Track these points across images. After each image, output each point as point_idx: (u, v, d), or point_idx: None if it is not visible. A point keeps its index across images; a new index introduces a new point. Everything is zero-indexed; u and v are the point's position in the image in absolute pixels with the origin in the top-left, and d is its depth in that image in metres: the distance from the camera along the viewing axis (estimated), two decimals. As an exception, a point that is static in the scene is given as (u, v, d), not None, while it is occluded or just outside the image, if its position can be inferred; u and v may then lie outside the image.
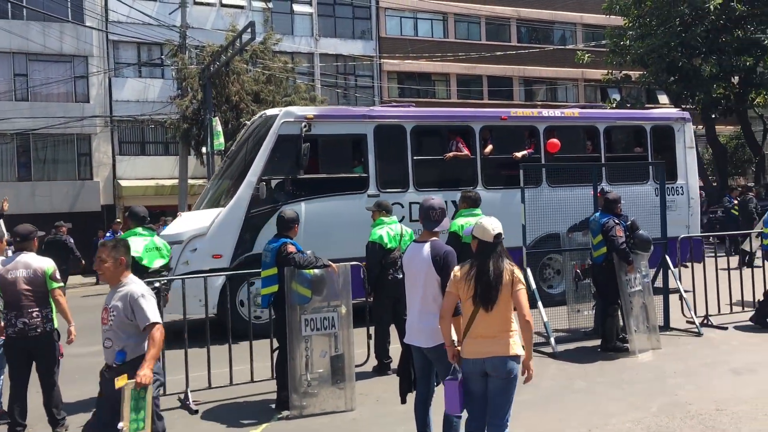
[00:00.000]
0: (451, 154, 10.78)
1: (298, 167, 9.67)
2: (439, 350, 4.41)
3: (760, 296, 9.20)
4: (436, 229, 4.69)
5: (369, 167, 10.33)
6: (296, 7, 30.94)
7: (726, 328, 8.80)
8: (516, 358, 4.07)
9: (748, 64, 21.66)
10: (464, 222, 7.81)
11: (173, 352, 6.83)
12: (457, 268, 4.25)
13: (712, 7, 20.05)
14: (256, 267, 8.50)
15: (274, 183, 10.02)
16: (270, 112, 10.79)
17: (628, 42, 23.87)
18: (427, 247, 4.60)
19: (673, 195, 11.46)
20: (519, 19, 35.20)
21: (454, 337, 4.29)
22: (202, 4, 28.18)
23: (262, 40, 23.56)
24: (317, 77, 30.42)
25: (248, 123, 11.95)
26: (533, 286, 8.40)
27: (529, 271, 8.47)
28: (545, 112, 11.95)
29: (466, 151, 10.86)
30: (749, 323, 8.99)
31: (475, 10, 33.79)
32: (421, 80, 33.77)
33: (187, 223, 10.18)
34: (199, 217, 10.06)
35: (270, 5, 29.96)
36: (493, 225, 4.20)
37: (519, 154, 11.03)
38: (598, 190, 9.21)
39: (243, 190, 9.67)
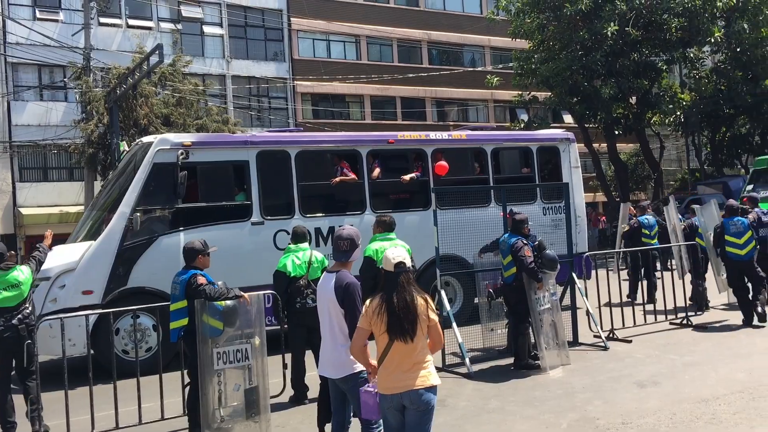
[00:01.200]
0: (338, 179, 10.72)
1: (176, 196, 9.38)
2: (349, 381, 4.39)
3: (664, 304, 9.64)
4: (345, 260, 4.68)
5: (252, 194, 10.10)
6: (206, 29, 30.50)
7: (630, 341, 9.17)
8: (433, 389, 4.05)
9: (645, 86, 22.88)
10: (378, 246, 7.87)
11: (74, 392, 6.51)
12: (368, 302, 4.15)
13: (609, 32, 21.07)
14: (134, 302, 8.32)
15: (150, 213, 9.56)
16: (146, 139, 10.45)
17: (533, 65, 24.78)
18: (332, 278, 4.58)
19: (559, 214, 11.79)
20: (429, 41, 35.99)
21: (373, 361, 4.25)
22: (107, 25, 27.33)
23: (172, 62, 23.08)
24: (230, 99, 30.03)
25: (127, 149, 11.59)
26: (448, 308, 8.52)
27: (443, 293, 8.60)
28: (432, 135, 11.98)
29: (352, 176, 10.80)
30: (652, 333, 9.43)
31: (387, 32, 34.31)
32: (336, 102, 33.92)
33: (56, 257, 9.33)
34: (69, 251, 9.49)
35: (179, 27, 29.43)
36: (395, 254, 4.13)
37: (407, 178, 11.11)
38: (508, 211, 9.46)
39: (115, 222, 9.24)
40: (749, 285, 10.04)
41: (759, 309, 9.88)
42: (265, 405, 6.09)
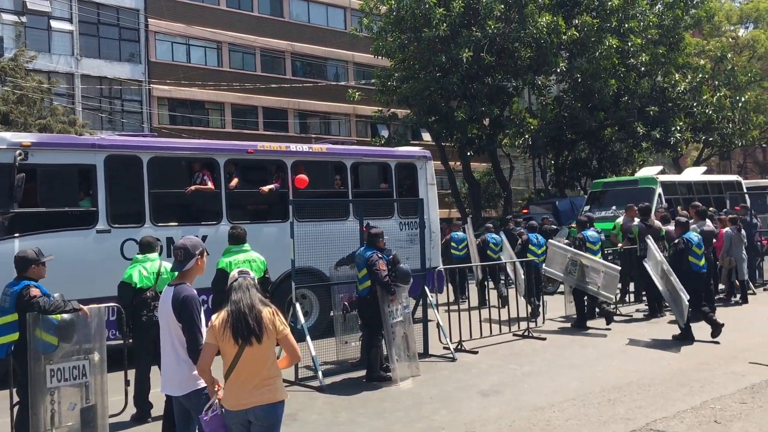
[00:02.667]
0: (193, 187, 10.39)
1: (12, 200, 8.65)
2: (192, 398, 4.25)
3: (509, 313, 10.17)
4: (180, 270, 4.52)
5: (98, 200, 9.55)
6: (54, 24, 28.62)
7: (477, 352, 9.57)
8: (280, 404, 4.00)
9: (496, 110, 24.18)
10: (232, 259, 7.76)
11: None
12: (214, 317, 4.05)
13: (465, 57, 22.12)
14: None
15: None
16: None
17: (394, 83, 25.44)
18: (171, 291, 4.43)
19: (415, 229, 12.13)
20: (293, 53, 35.95)
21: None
22: (-62, 11, 24.98)
23: (13, 56, 21.44)
24: (78, 99, 28.31)
25: None
26: (302, 321, 8.50)
27: (298, 306, 8.56)
28: (293, 147, 11.86)
29: (210, 185, 10.53)
30: (497, 344, 9.91)
31: (250, 41, 33.89)
32: (194, 108, 32.95)
33: None
34: None
35: (23, 19, 27.39)
36: (239, 268, 4.10)
37: (266, 189, 11.01)
38: (365, 225, 9.60)
39: None
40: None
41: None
42: (103, 424, 5.75)
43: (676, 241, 10.55)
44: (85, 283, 8.76)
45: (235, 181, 10.83)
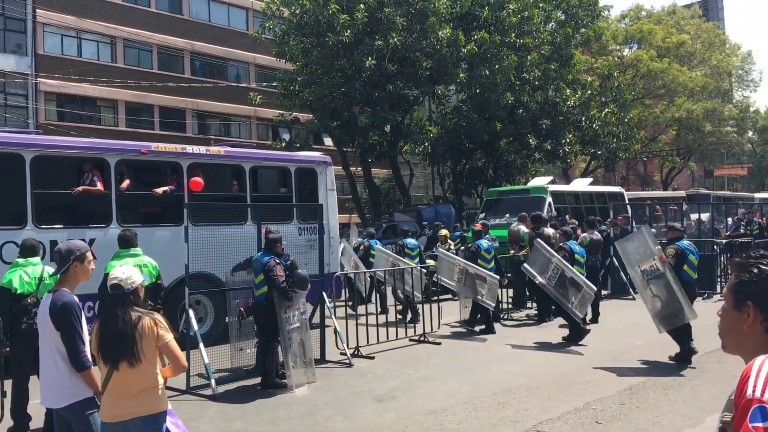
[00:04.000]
0: (80, 188, 9.93)
1: None
2: (73, 410, 4.05)
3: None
4: (57, 274, 4.32)
5: None
6: (-72, 8, 26.65)
7: (374, 358, 9.65)
8: (162, 414, 3.87)
9: (398, 117, 24.55)
10: (122, 263, 7.44)
11: None
12: (93, 326, 3.88)
13: (367, 64, 22.33)
14: None
15: None
16: None
17: (297, 87, 25.30)
18: (50, 298, 4.20)
19: (315, 234, 12.10)
20: (193, 52, 35.05)
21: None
22: None
23: None
24: (-46, 91, 26.43)
25: None
26: (195, 327, 8.29)
27: (191, 312, 8.34)
28: (189, 149, 11.56)
29: (100, 186, 10.08)
30: (394, 349, 10.03)
31: (146, 37, 32.75)
32: (85, 105, 31.45)
33: None
34: None
35: None
36: (114, 274, 3.86)
37: (160, 191, 10.69)
38: (264, 229, 9.47)
39: None
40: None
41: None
42: (-25, 440, 5.38)
43: (559, 247, 11.17)
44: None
45: (126, 183, 10.41)
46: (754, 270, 1.94)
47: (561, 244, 11.28)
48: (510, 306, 13.65)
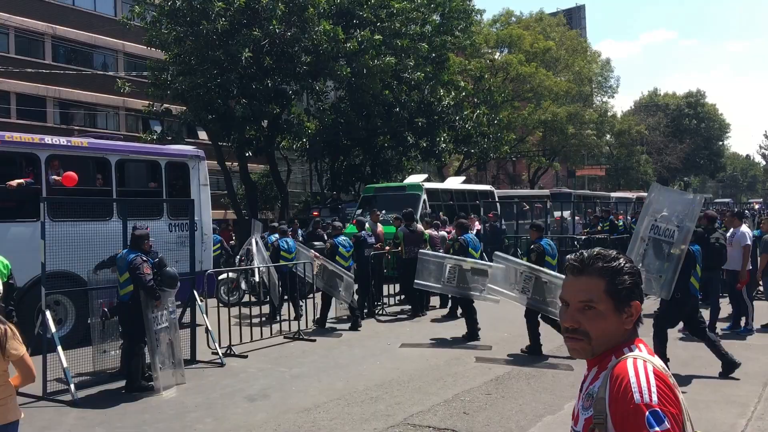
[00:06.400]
0: None
1: None
2: None
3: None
4: None
5: None
6: None
7: (247, 356, 9.47)
8: (13, 424, 3.65)
9: (275, 111, 24.20)
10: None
11: None
12: None
13: (244, 56, 21.83)
14: None
15: None
16: None
17: (169, 77, 24.30)
18: None
19: (186, 231, 11.64)
20: (54, 36, 32.83)
21: None
22: None
23: None
24: None
25: None
26: (53, 330, 7.77)
27: (48, 314, 7.81)
28: (48, 139, 10.85)
29: None
30: (268, 347, 9.89)
31: (3, 19, 30.33)
32: (-71, 88, 28.72)
33: None
34: None
35: None
36: None
37: (14, 183, 9.93)
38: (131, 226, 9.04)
39: None
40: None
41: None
42: None
43: (455, 240, 11.55)
44: None
45: None
46: (625, 272, 1.86)
47: (458, 237, 11.55)
48: (388, 303, 13.84)
